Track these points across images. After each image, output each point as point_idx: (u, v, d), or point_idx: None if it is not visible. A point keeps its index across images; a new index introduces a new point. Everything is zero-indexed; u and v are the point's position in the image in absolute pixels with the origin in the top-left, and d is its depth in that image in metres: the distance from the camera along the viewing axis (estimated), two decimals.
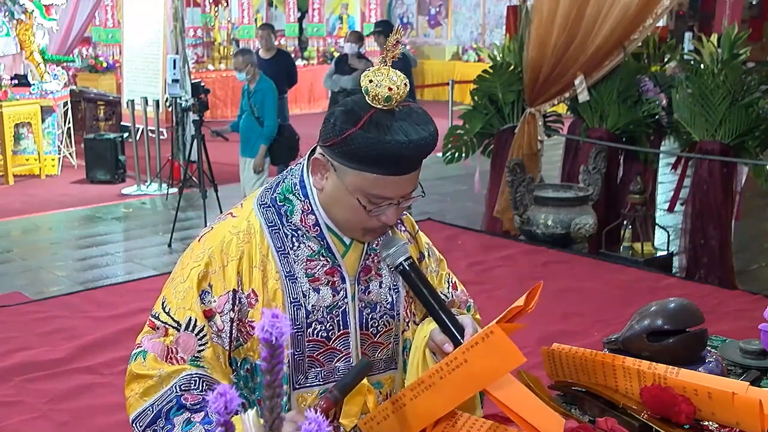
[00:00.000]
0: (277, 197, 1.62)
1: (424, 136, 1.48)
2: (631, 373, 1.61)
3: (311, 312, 1.59)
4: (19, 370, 4.08)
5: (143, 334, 1.57)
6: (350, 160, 1.49)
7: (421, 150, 1.49)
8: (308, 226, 1.59)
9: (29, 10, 9.19)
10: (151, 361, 1.52)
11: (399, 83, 1.47)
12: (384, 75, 1.48)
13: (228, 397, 0.87)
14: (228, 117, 12.04)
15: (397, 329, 1.70)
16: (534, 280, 1.53)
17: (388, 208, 1.54)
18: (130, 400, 1.54)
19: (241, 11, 15.00)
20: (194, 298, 1.54)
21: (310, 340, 1.60)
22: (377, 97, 1.47)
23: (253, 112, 6.56)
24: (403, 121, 1.48)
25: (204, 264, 1.56)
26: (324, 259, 1.60)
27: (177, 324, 1.54)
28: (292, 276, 1.58)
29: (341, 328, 1.62)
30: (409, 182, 1.54)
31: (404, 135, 1.46)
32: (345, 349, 1.63)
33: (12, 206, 7.87)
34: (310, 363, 1.61)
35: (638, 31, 5.95)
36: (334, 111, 1.51)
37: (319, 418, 0.87)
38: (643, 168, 6.26)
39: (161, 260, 6.18)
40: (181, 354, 1.53)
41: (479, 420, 1.53)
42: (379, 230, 1.60)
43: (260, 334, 0.89)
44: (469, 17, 16.96)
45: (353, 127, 1.46)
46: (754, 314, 2.45)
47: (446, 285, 1.84)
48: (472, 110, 6.80)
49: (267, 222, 1.60)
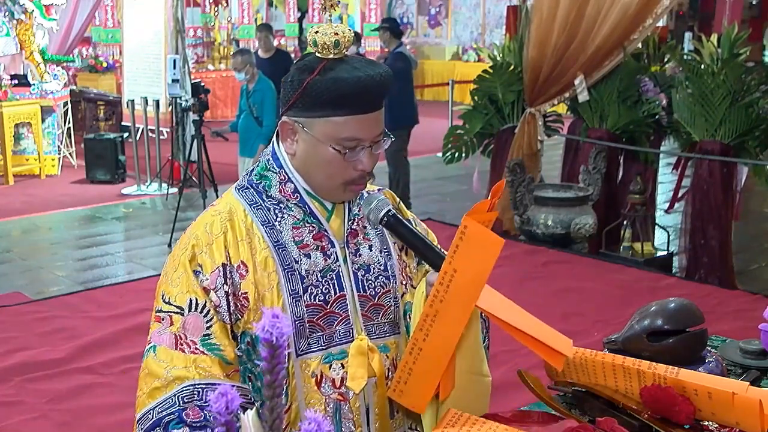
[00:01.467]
0: (253, 178, 1.65)
1: (380, 71, 1.54)
2: (631, 373, 1.61)
3: (305, 277, 1.60)
4: (19, 370, 4.08)
5: (151, 330, 1.57)
6: (315, 109, 1.53)
7: (379, 84, 1.53)
8: (288, 195, 1.62)
9: (29, 10, 9.19)
10: (162, 353, 1.53)
11: (344, 29, 1.54)
12: (328, 26, 1.55)
13: (228, 398, 0.87)
14: (228, 117, 12.05)
15: (396, 291, 1.70)
16: (534, 281, 1.53)
17: (362, 152, 1.56)
18: (140, 398, 1.54)
19: (241, 11, 15.00)
20: (190, 280, 1.55)
21: (308, 305, 1.60)
22: (326, 45, 1.53)
23: (251, 111, 6.57)
24: (355, 63, 1.54)
25: (191, 247, 1.57)
26: (309, 225, 1.62)
27: (179, 309, 1.55)
28: (280, 244, 1.59)
29: (337, 291, 1.63)
30: (376, 122, 1.57)
31: (360, 72, 1.52)
32: (343, 312, 1.63)
33: (12, 206, 7.87)
34: (311, 328, 1.61)
35: (638, 31, 5.95)
36: (289, 73, 1.57)
37: (319, 417, 0.87)
38: (643, 168, 6.27)
39: (161, 260, 6.18)
40: (191, 337, 1.53)
41: (479, 420, 1.54)
42: (359, 181, 1.60)
43: (260, 334, 0.89)
44: (469, 17, 16.96)
45: (309, 75, 1.52)
46: (754, 314, 2.45)
47: None
48: (472, 110, 6.80)
49: (247, 202, 1.62)
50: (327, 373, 1.61)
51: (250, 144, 6.62)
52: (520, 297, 1.57)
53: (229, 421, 0.89)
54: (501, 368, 3.96)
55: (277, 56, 8.39)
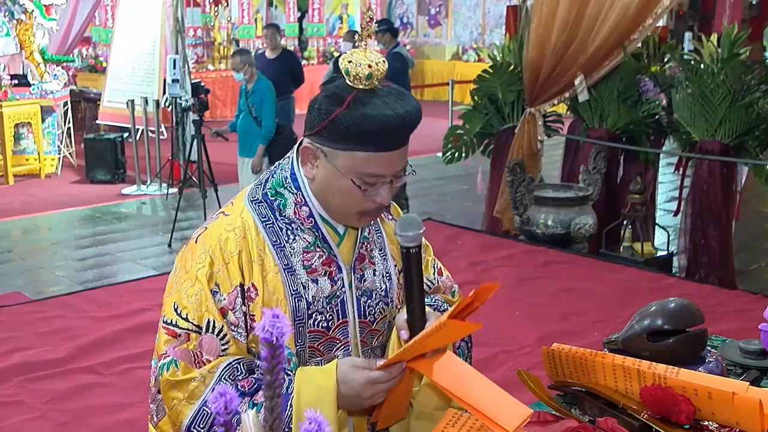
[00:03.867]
0: (268, 192, 1.62)
1: (410, 109, 1.50)
2: (631, 373, 1.61)
3: (312, 303, 1.59)
4: (19, 370, 4.08)
5: (165, 343, 1.55)
6: (340, 142, 1.49)
7: (408, 123, 1.50)
8: (302, 218, 1.60)
9: (29, 10, 9.19)
10: (185, 369, 1.53)
11: (378, 60, 1.49)
12: (362, 54, 1.49)
13: (228, 398, 0.87)
14: (228, 117, 12.04)
15: (391, 316, 1.72)
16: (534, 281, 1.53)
17: (381, 187, 1.54)
18: (177, 407, 1.53)
19: (241, 11, 15.00)
20: (209, 299, 1.54)
21: (312, 330, 1.60)
22: (358, 76, 1.48)
23: (250, 112, 6.57)
24: (386, 97, 1.49)
25: (208, 264, 1.56)
26: (320, 250, 1.61)
27: (198, 327, 1.54)
28: (290, 268, 1.59)
29: (340, 317, 1.63)
30: (400, 158, 1.54)
31: (390, 109, 1.47)
32: (344, 338, 1.64)
33: (12, 206, 7.87)
34: (311, 353, 1.62)
35: (638, 31, 5.95)
36: (317, 97, 1.53)
37: (320, 418, 0.87)
38: (643, 168, 6.26)
39: (161, 260, 6.18)
40: (206, 356, 1.53)
41: (479, 420, 1.54)
42: (375, 213, 1.60)
43: (261, 334, 0.89)
44: (469, 17, 16.96)
45: (339, 107, 1.47)
46: (754, 314, 2.45)
47: (432, 271, 1.86)
48: (472, 110, 6.80)
49: (260, 217, 1.60)
50: None
51: (249, 144, 6.62)
52: (520, 297, 1.57)
53: (229, 421, 0.89)
54: (501, 368, 3.96)
55: (283, 56, 8.38)
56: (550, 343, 1.80)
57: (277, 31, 8.62)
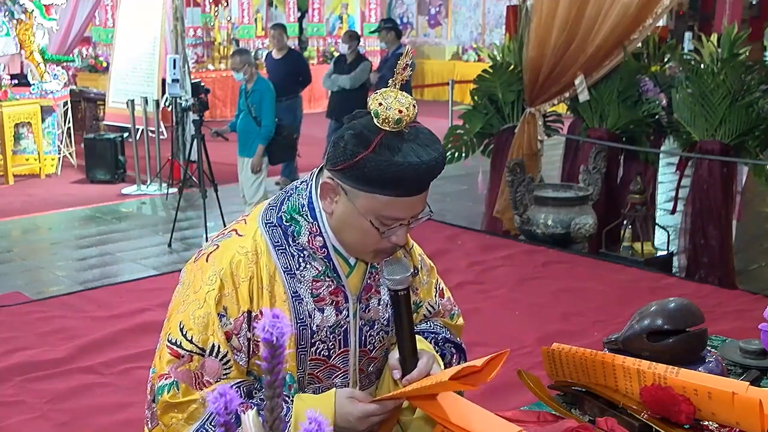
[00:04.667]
0: (283, 216, 1.61)
1: (434, 156, 1.49)
2: (631, 373, 1.61)
3: (315, 332, 1.60)
4: (19, 370, 4.08)
5: (168, 363, 1.56)
6: (362, 183, 1.49)
7: (432, 170, 1.50)
8: (315, 248, 1.60)
9: (29, 9, 9.18)
10: (185, 391, 1.54)
11: (408, 105, 1.48)
12: (393, 98, 1.48)
13: (228, 398, 0.87)
14: (227, 117, 12.04)
15: (389, 344, 1.73)
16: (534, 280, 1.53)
17: (399, 228, 1.55)
18: (175, 426, 1.54)
19: (241, 11, 15.00)
20: (215, 324, 1.55)
21: (312, 358, 1.62)
22: (387, 120, 1.46)
23: (250, 111, 6.57)
24: (412, 143, 1.48)
25: (218, 287, 1.56)
26: (329, 280, 1.61)
27: (201, 350, 1.55)
28: (297, 296, 1.59)
29: (342, 346, 1.64)
30: (420, 202, 1.55)
31: (416, 156, 1.46)
32: (344, 366, 1.66)
33: (12, 206, 7.87)
34: (310, 380, 1.63)
35: (638, 30, 5.95)
36: (343, 135, 1.50)
37: (320, 418, 0.87)
38: (643, 168, 6.26)
39: (161, 260, 6.18)
40: (207, 378, 1.54)
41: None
42: (389, 251, 1.60)
43: (261, 334, 0.89)
44: (469, 17, 16.96)
45: (365, 150, 1.46)
46: (754, 314, 2.45)
47: (434, 293, 1.86)
48: (472, 110, 6.80)
49: (273, 242, 1.60)
50: None
51: (249, 144, 6.61)
52: (520, 297, 1.58)
53: (228, 421, 0.89)
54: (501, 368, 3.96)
55: (289, 56, 8.38)
56: (550, 343, 1.80)
57: (284, 31, 8.63)
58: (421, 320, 1.84)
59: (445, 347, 1.79)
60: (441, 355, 1.75)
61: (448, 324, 1.87)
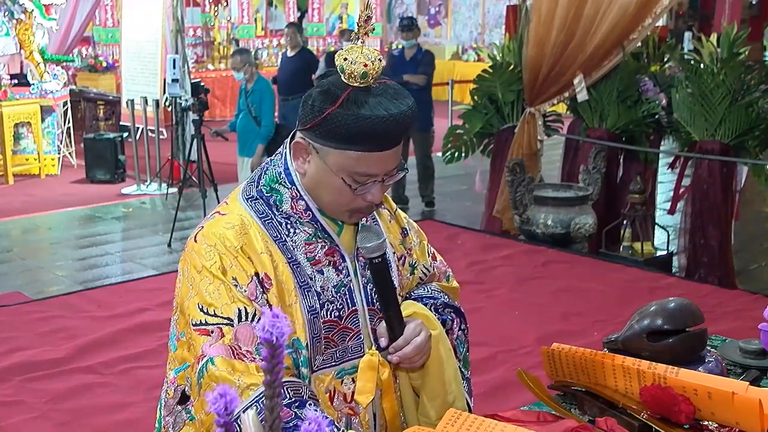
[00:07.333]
0: (262, 189, 1.60)
1: (403, 109, 1.48)
2: (631, 373, 1.61)
3: (321, 293, 1.58)
4: (19, 370, 4.08)
5: (201, 344, 1.49)
6: (331, 140, 1.48)
7: (401, 124, 1.48)
8: (299, 212, 1.58)
9: (29, 9, 9.18)
10: (222, 363, 1.47)
11: (373, 59, 1.47)
12: (358, 52, 1.47)
13: (228, 398, 0.87)
14: (227, 116, 12.04)
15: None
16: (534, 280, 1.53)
17: (373, 186, 1.53)
18: None
19: (241, 11, 15.00)
20: (232, 290, 1.51)
21: (325, 321, 1.59)
22: (353, 75, 1.46)
23: (250, 111, 6.57)
24: (380, 97, 1.47)
25: (218, 259, 1.53)
26: (321, 241, 1.60)
27: (229, 320, 1.49)
28: (295, 261, 1.57)
29: (350, 306, 1.62)
30: (392, 158, 1.53)
31: (383, 110, 1.45)
32: (355, 327, 1.64)
33: (12, 206, 7.87)
34: (326, 344, 1.60)
35: (637, 30, 5.95)
36: (311, 93, 1.51)
37: (319, 417, 0.87)
38: (643, 168, 6.26)
39: (161, 260, 6.18)
40: (245, 348, 1.48)
41: (478, 418, 1.54)
42: (366, 210, 1.59)
43: (261, 333, 0.89)
44: (469, 17, 16.96)
45: (332, 106, 1.46)
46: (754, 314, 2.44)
47: (427, 256, 1.86)
48: (472, 110, 6.80)
49: (258, 214, 1.58)
50: (339, 388, 1.62)
51: (249, 144, 6.62)
52: (520, 297, 1.58)
53: (228, 421, 0.89)
54: (501, 368, 3.96)
55: (301, 54, 8.38)
56: (550, 343, 1.80)
57: (297, 30, 8.62)
58: (418, 284, 1.82)
59: (444, 312, 1.77)
60: (442, 321, 1.73)
61: (445, 287, 1.85)
